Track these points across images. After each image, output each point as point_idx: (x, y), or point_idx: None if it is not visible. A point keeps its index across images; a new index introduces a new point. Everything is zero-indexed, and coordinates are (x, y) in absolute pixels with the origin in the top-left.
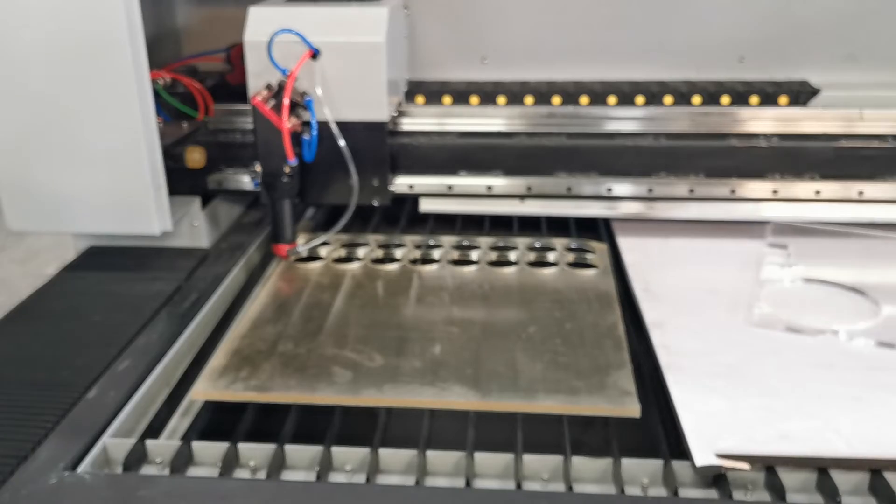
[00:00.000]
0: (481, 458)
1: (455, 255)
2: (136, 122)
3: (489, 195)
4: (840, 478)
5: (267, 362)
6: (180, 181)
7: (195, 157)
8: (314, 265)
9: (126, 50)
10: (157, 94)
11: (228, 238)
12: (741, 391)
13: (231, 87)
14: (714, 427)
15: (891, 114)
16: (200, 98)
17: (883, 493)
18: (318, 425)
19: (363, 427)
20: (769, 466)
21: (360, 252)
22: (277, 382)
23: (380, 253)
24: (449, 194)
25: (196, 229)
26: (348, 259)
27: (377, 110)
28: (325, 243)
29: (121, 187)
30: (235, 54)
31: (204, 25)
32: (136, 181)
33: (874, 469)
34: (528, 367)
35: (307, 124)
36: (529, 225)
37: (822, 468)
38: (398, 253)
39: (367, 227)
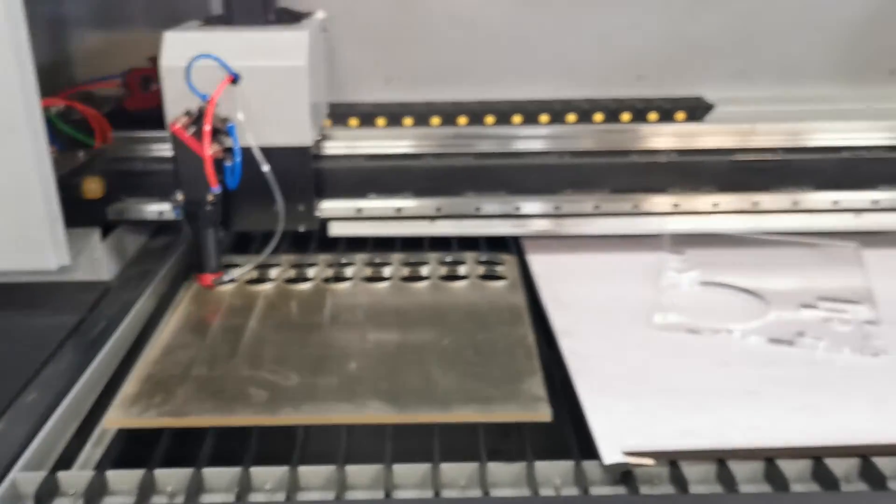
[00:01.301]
0: (400, 469)
1: (368, 272)
2: (27, 153)
3: (399, 217)
4: (737, 468)
5: (181, 387)
6: (78, 213)
7: (92, 187)
8: (226, 288)
9: (13, 77)
10: (50, 123)
11: (134, 267)
12: (645, 391)
13: (129, 112)
14: (621, 427)
15: (781, 127)
16: (97, 125)
17: (777, 480)
18: (235, 447)
19: (282, 446)
20: (672, 461)
21: (273, 273)
22: (193, 406)
23: (292, 273)
24: (359, 217)
25: (97, 261)
26: (260, 280)
27: (301, 135)
28: (235, 265)
29: (13, 222)
30: (132, 79)
31: (99, 50)
32: (28, 215)
33: (768, 458)
34: (443, 378)
35: (229, 150)
36: (441, 243)
37: (720, 459)
38: (311, 272)
39: (279, 249)
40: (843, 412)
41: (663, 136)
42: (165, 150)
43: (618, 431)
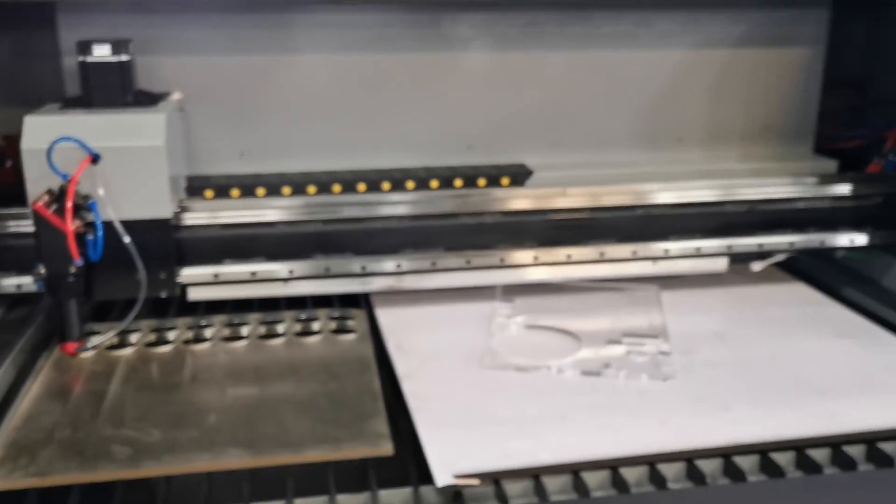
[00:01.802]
0: None
1: (226, 332)
2: None
3: (254, 280)
4: (549, 482)
5: (45, 449)
6: None
7: None
8: (87, 355)
9: None
10: None
11: None
12: (474, 423)
13: None
14: (452, 454)
15: (588, 189)
16: None
17: (581, 489)
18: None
19: (145, 499)
20: (496, 479)
21: (133, 338)
22: (57, 466)
23: (153, 337)
24: (217, 282)
25: None
26: (122, 346)
27: (161, 208)
28: (97, 333)
29: None
30: None
31: None
32: None
33: (574, 471)
34: (297, 425)
35: (91, 225)
36: (297, 302)
37: (535, 475)
38: (171, 335)
39: (140, 314)
40: (636, 428)
41: (490, 200)
42: (23, 225)
43: (450, 458)
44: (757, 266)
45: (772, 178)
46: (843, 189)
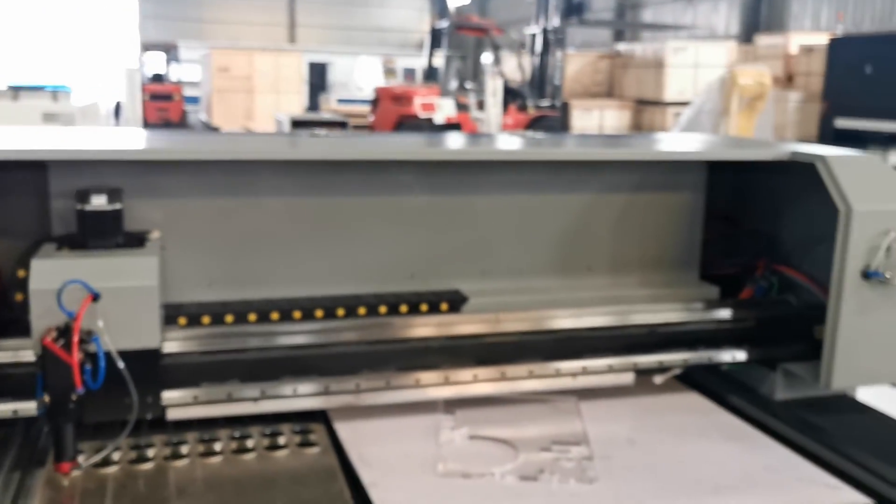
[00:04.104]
0: None
1: (201, 448)
2: None
3: (228, 400)
4: None
5: None
6: None
7: None
8: (75, 473)
9: None
10: None
11: None
12: None
13: None
14: None
15: (518, 315)
16: None
17: None
18: None
19: None
20: None
21: (115, 455)
22: None
23: (133, 454)
24: (194, 403)
25: None
26: (105, 463)
27: (150, 338)
28: (81, 451)
29: None
30: None
31: None
32: None
33: None
34: None
35: (91, 356)
36: (263, 418)
37: None
38: (150, 452)
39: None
40: None
41: (432, 326)
42: (20, 356)
43: None
44: (658, 379)
45: (667, 303)
46: (725, 314)
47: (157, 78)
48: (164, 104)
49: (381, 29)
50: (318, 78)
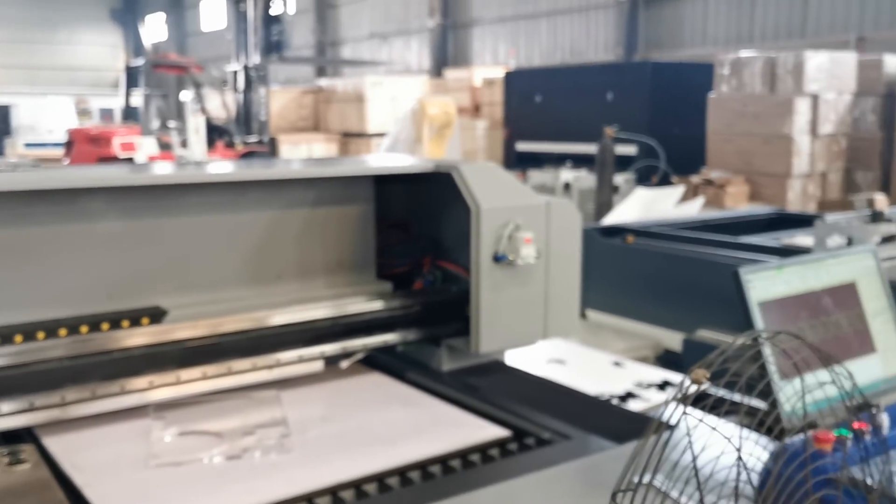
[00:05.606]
0: None
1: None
2: None
3: None
4: None
5: None
6: None
7: None
8: None
9: None
10: None
11: None
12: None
13: None
14: None
15: (213, 321)
16: None
17: None
18: None
19: None
20: None
21: None
22: None
23: None
24: None
25: None
26: None
27: None
28: None
29: None
30: None
31: None
32: None
33: None
34: None
35: None
36: None
37: None
38: None
39: None
40: (272, 484)
41: (134, 337)
42: None
43: None
44: (344, 364)
45: (348, 298)
46: (396, 303)
47: None
48: None
49: (71, 68)
50: (1, 122)
